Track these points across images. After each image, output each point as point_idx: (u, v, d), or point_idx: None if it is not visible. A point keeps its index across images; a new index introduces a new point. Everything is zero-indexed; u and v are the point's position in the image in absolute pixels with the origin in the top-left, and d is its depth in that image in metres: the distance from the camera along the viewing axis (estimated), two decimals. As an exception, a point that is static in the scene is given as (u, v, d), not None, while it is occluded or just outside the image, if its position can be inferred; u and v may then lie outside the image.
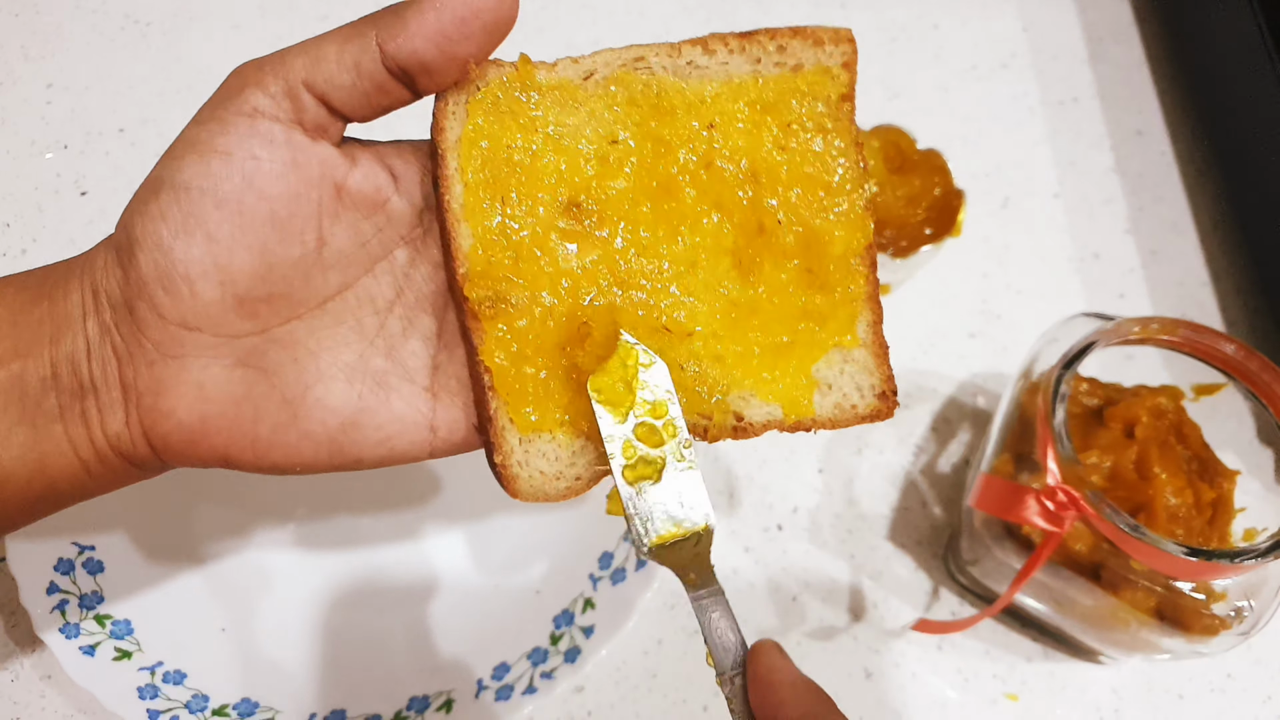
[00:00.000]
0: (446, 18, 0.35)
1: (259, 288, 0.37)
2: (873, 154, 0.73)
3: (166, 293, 0.36)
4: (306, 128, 0.37)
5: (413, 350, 0.40)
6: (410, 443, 0.40)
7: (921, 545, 0.71)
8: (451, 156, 0.38)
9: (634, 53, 0.39)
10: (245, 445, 0.38)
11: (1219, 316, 0.82)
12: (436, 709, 0.61)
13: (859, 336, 0.41)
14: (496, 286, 0.38)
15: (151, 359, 0.37)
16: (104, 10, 0.91)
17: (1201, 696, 0.67)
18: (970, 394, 0.77)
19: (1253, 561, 0.51)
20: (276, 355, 0.38)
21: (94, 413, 0.37)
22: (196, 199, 0.35)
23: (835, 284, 0.40)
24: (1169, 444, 0.60)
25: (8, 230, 0.80)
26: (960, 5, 0.97)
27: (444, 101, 0.38)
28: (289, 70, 0.36)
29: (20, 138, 0.84)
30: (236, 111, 0.36)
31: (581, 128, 0.39)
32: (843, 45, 0.39)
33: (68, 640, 0.59)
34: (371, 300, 0.40)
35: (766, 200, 0.39)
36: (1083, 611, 0.60)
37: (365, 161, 0.39)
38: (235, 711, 0.60)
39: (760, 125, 0.39)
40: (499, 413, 0.39)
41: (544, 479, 0.40)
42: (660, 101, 0.39)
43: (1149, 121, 0.92)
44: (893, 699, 0.66)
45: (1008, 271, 0.83)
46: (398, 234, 0.40)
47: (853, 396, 0.41)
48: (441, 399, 0.40)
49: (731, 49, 0.39)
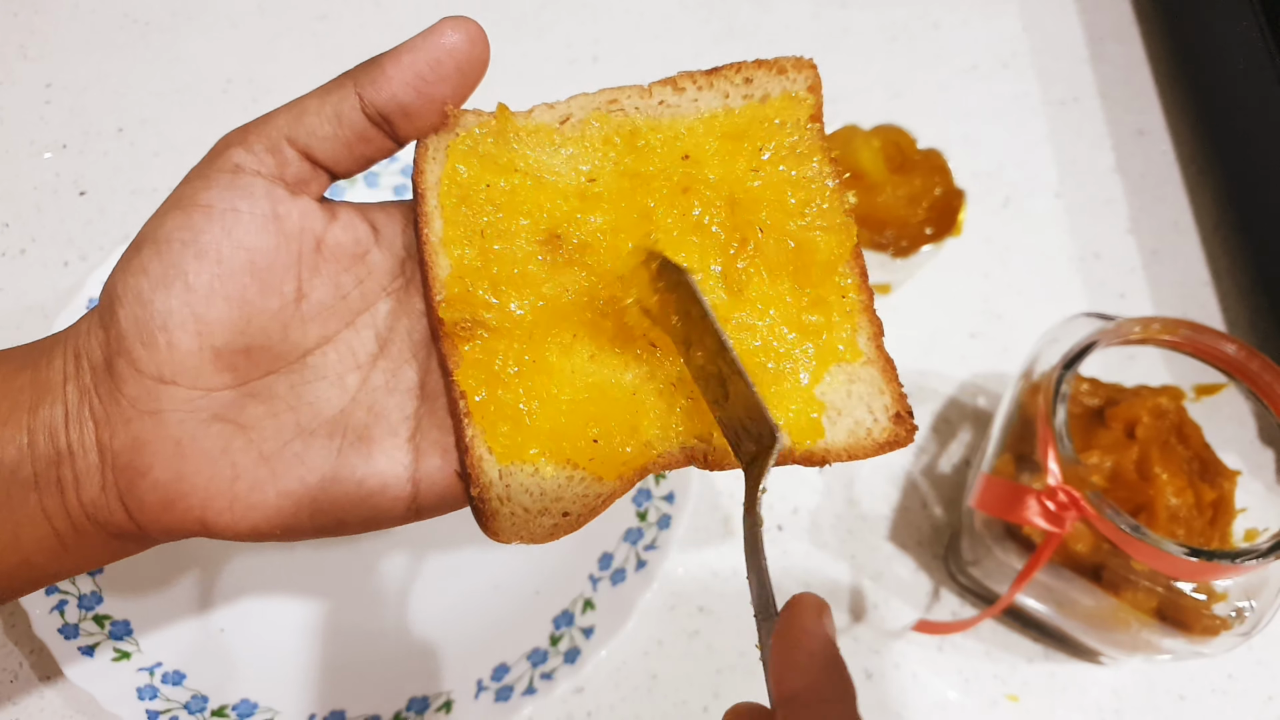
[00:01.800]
0: (421, 60, 0.36)
1: (237, 339, 0.37)
2: (873, 154, 0.73)
3: (144, 345, 0.36)
4: (288, 182, 0.38)
5: (396, 404, 0.40)
6: (393, 499, 0.39)
7: (922, 546, 0.71)
8: (431, 195, 0.39)
9: (607, 96, 0.40)
10: (223, 506, 0.37)
11: (1220, 316, 0.82)
12: (436, 709, 0.61)
13: (861, 350, 0.40)
14: (473, 310, 0.38)
15: (128, 416, 0.36)
16: (103, 10, 0.91)
17: (1202, 697, 0.67)
18: (971, 394, 0.77)
19: (1254, 562, 0.51)
20: (254, 410, 0.38)
21: (70, 478, 0.37)
22: (177, 251, 0.36)
23: (828, 296, 0.40)
24: (1170, 444, 0.60)
25: (6, 230, 0.80)
26: (961, 5, 0.97)
27: (424, 146, 0.39)
28: (272, 128, 0.37)
29: (19, 137, 0.84)
30: (219, 169, 0.37)
31: (559, 167, 0.40)
32: (805, 71, 0.41)
33: (67, 641, 0.59)
34: (353, 353, 0.40)
35: (746, 218, 0.40)
36: (1084, 612, 0.60)
37: (346, 215, 0.40)
38: (234, 712, 0.60)
39: (734, 153, 0.40)
40: (475, 441, 0.38)
41: (527, 516, 0.38)
42: (635, 139, 0.40)
43: (1150, 121, 0.92)
44: (893, 700, 0.66)
45: (1008, 271, 0.83)
46: (379, 285, 0.40)
47: (865, 420, 0.40)
48: (424, 451, 0.39)
49: (700, 85, 0.41)
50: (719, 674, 0.66)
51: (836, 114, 0.89)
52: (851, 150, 0.73)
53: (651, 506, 0.67)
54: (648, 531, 0.66)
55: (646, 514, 0.67)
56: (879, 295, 0.80)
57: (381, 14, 0.92)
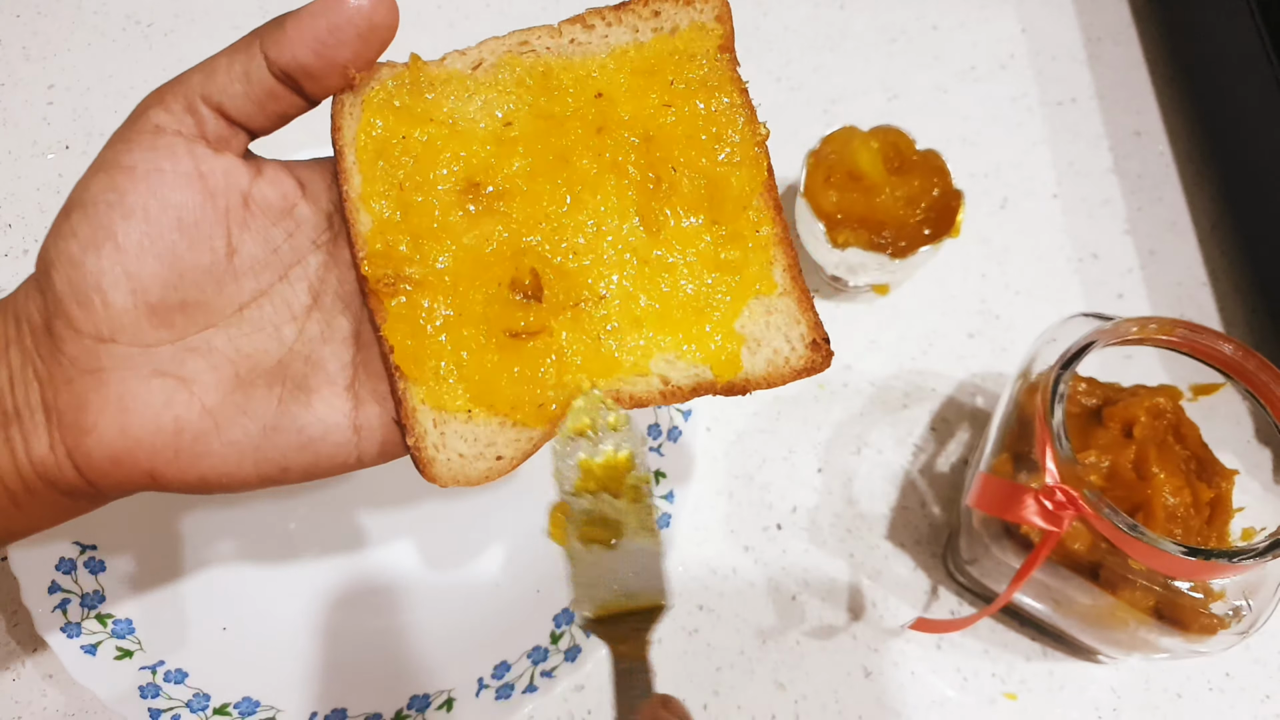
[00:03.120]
0: (321, 24, 0.36)
1: (171, 295, 0.38)
2: (872, 155, 0.74)
3: (79, 305, 0.36)
4: (209, 140, 0.38)
5: (332, 353, 0.41)
6: (335, 445, 0.40)
7: (920, 544, 0.71)
8: (349, 151, 0.39)
9: (518, 37, 0.40)
10: (169, 458, 0.38)
11: (1217, 316, 0.83)
12: (437, 708, 0.61)
13: (776, 282, 0.41)
14: (395, 265, 0.39)
15: (70, 376, 0.37)
16: (106, 11, 0.92)
17: (1200, 695, 0.67)
18: (969, 394, 0.78)
19: (1251, 561, 0.51)
20: (194, 364, 0.38)
21: (18, 439, 0.37)
22: (104, 212, 0.36)
23: (743, 230, 0.40)
24: (1167, 444, 0.60)
25: (9, 231, 0.80)
26: (959, 6, 0.97)
27: (340, 103, 0.39)
28: (187, 87, 0.38)
29: (22, 138, 0.84)
30: (140, 130, 0.37)
31: (475, 114, 0.40)
32: (712, 1, 0.41)
33: (69, 639, 0.59)
34: (288, 305, 0.41)
35: (660, 155, 0.40)
36: (1081, 611, 0.60)
37: (271, 171, 0.41)
38: (236, 710, 0.60)
39: (644, 89, 0.40)
40: (408, 393, 0.39)
41: (463, 461, 0.39)
42: (548, 80, 0.40)
43: (1147, 122, 0.92)
44: (892, 698, 0.66)
45: (1006, 272, 0.83)
46: (308, 239, 0.41)
47: (784, 350, 0.41)
48: (363, 398, 0.40)
49: (609, 22, 0.41)
50: (718, 672, 0.66)
51: (835, 115, 0.90)
52: (850, 151, 0.74)
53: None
54: (647, 530, 0.66)
55: (646, 513, 0.67)
56: (877, 295, 0.81)
57: (382, 16, 0.92)
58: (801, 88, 0.92)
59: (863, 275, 0.75)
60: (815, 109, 0.90)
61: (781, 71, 0.92)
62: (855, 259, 0.72)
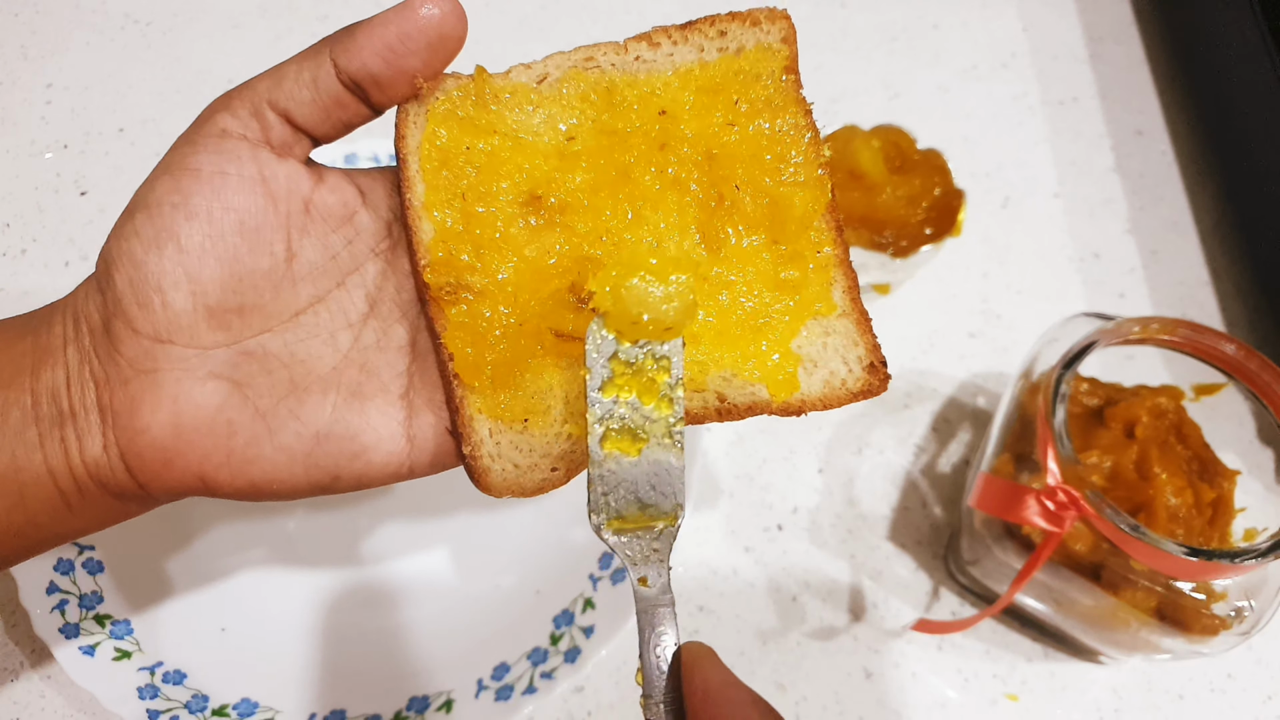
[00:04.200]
0: (392, 33, 0.37)
1: (230, 298, 0.38)
2: (873, 154, 0.73)
3: (139, 306, 0.36)
4: (274, 145, 0.38)
5: (387, 361, 0.41)
6: (388, 454, 0.39)
7: (922, 545, 0.71)
8: (413, 159, 0.39)
9: (583, 53, 0.40)
10: (221, 461, 0.38)
11: (1219, 316, 0.82)
12: (436, 709, 0.61)
13: (836, 303, 0.41)
14: (457, 274, 0.39)
15: (126, 376, 0.37)
16: (104, 10, 0.91)
17: (1202, 696, 0.67)
18: (970, 394, 0.77)
19: (1253, 561, 0.51)
20: (249, 367, 0.38)
21: (73, 439, 0.37)
22: (168, 214, 0.37)
23: (804, 251, 0.40)
24: (1169, 444, 0.60)
25: (7, 230, 0.80)
26: (960, 5, 0.97)
27: (404, 112, 0.39)
28: (254, 93, 0.38)
29: (20, 137, 0.84)
30: (206, 134, 0.38)
31: (538, 127, 0.40)
32: (779, 22, 0.41)
33: (68, 640, 0.59)
34: (344, 313, 0.41)
35: (723, 174, 0.40)
36: (1083, 611, 0.60)
37: (333, 178, 0.41)
38: (235, 711, 0.60)
39: (709, 106, 0.40)
40: (465, 401, 0.39)
41: (518, 471, 0.39)
42: (612, 96, 0.40)
43: (1149, 121, 0.92)
44: (893, 699, 0.66)
45: (1008, 271, 0.83)
46: (367, 247, 0.41)
47: (840, 371, 0.40)
48: (417, 407, 0.40)
49: (675, 40, 0.41)
50: (719, 673, 0.66)
51: (836, 114, 0.90)
52: (851, 150, 0.74)
53: (651, 506, 0.67)
54: (648, 531, 0.66)
55: (646, 513, 0.67)
56: (879, 295, 0.80)
57: (382, 14, 0.92)
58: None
59: (864, 275, 0.75)
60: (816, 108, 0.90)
61: (782, 70, 0.92)
62: (856, 259, 0.72)
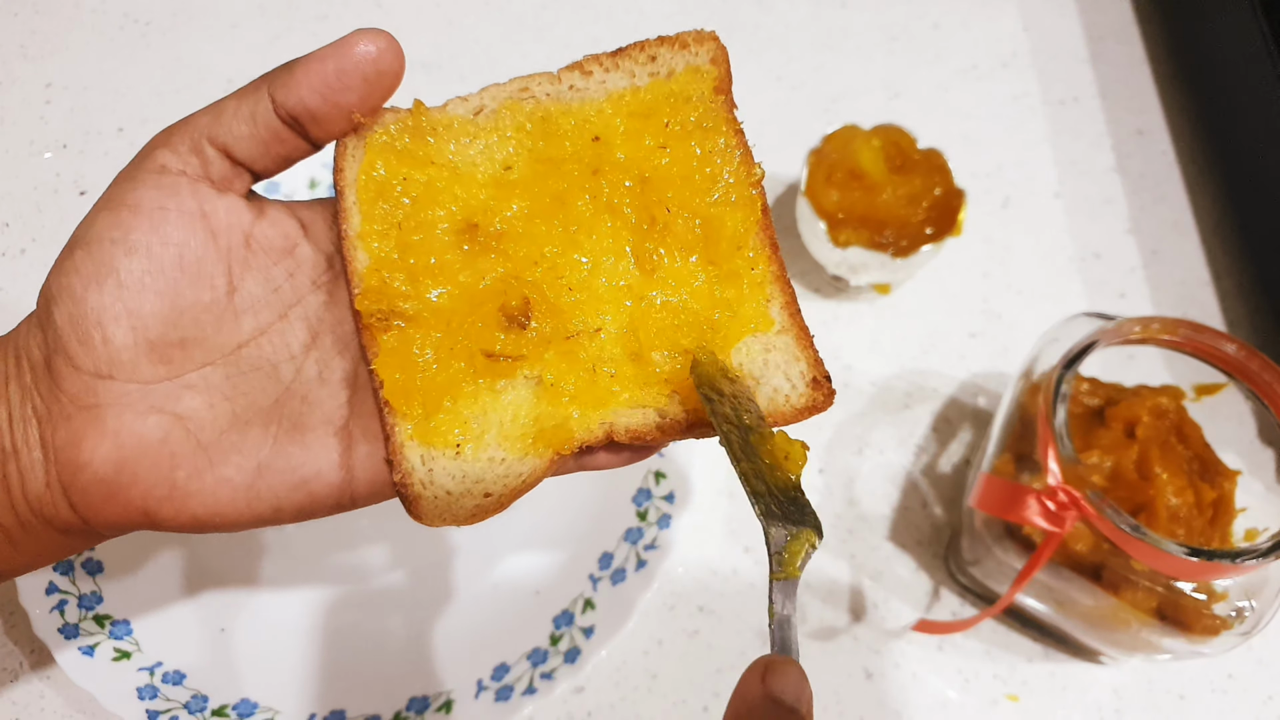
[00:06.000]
0: (329, 69, 0.37)
1: (171, 332, 0.38)
2: (873, 154, 0.73)
3: (80, 342, 0.36)
4: (214, 180, 0.39)
5: (329, 393, 0.41)
6: (328, 485, 0.39)
7: (922, 545, 0.71)
8: (350, 191, 0.40)
9: (518, 84, 0.41)
10: (164, 494, 0.37)
11: (1220, 316, 0.82)
12: (436, 709, 0.61)
13: (774, 319, 0.41)
14: (389, 301, 0.39)
15: (68, 412, 0.37)
16: (103, 10, 0.91)
17: (1202, 697, 0.67)
18: (971, 394, 0.77)
19: (1254, 562, 0.51)
20: (191, 401, 0.38)
21: (15, 476, 0.37)
22: (107, 249, 0.37)
23: (738, 269, 0.40)
24: (1170, 444, 0.60)
25: (7, 230, 0.80)
26: (960, 5, 0.97)
27: (343, 146, 0.40)
28: (194, 129, 0.38)
29: (19, 137, 0.84)
30: (146, 170, 0.38)
31: (476, 158, 0.40)
32: (707, 44, 0.41)
33: (67, 641, 0.59)
34: (287, 345, 0.41)
35: (655, 197, 0.40)
36: (1084, 612, 0.60)
37: (274, 211, 0.41)
38: (235, 712, 0.60)
39: (641, 131, 0.41)
40: (396, 429, 0.39)
41: (450, 498, 0.39)
42: (547, 125, 0.41)
43: (1150, 121, 0.92)
44: (893, 699, 0.66)
45: (1008, 271, 0.83)
46: (309, 279, 0.41)
47: (784, 387, 0.40)
48: (356, 437, 0.40)
49: (606, 67, 0.42)
50: (719, 673, 0.66)
51: (836, 114, 0.90)
52: (851, 150, 0.73)
53: (651, 506, 0.67)
54: (648, 531, 0.66)
55: (646, 514, 0.67)
56: (879, 295, 0.80)
57: (383, 14, 0.92)
58: (802, 86, 0.91)
59: (864, 275, 0.75)
60: (816, 107, 0.90)
61: (783, 70, 0.92)
62: (857, 258, 0.72)
